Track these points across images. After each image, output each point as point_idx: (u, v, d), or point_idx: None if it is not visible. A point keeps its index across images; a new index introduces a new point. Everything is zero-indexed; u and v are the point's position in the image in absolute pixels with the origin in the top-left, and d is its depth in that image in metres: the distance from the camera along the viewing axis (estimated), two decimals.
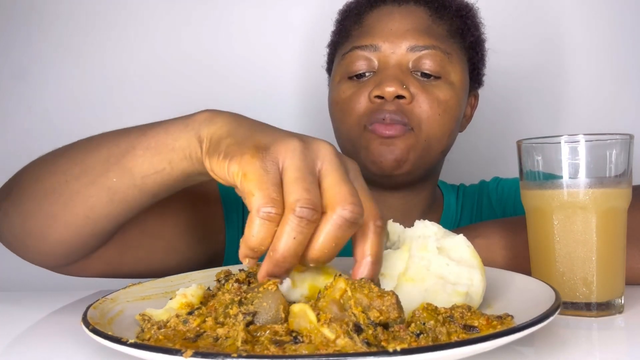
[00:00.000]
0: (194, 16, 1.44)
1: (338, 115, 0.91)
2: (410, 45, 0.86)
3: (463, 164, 1.29)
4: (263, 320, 0.44)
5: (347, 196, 0.44)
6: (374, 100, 0.85)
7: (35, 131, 1.46)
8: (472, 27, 0.94)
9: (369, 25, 0.90)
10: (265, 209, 0.44)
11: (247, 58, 1.44)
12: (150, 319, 0.49)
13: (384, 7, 0.91)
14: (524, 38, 1.37)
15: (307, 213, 0.43)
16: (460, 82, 0.89)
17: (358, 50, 0.88)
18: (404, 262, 0.52)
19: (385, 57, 0.87)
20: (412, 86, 0.86)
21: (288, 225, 0.43)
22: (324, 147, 0.47)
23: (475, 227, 0.76)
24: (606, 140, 0.57)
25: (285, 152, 0.46)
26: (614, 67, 1.38)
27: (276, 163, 0.46)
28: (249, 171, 0.45)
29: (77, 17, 1.45)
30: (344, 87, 0.90)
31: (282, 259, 0.44)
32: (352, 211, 0.44)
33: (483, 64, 0.99)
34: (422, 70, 0.87)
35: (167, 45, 1.45)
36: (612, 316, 0.58)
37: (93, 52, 1.45)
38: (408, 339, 0.41)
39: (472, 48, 0.94)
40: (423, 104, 0.86)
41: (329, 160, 0.47)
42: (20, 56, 1.45)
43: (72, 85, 1.45)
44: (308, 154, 0.46)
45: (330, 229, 0.44)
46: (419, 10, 0.90)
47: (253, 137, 0.49)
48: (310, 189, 0.44)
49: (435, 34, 0.88)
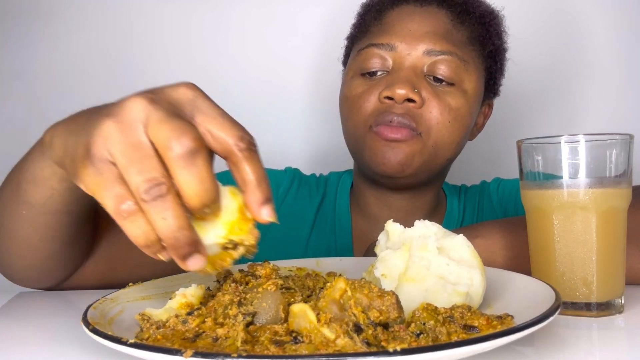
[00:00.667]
0: (201, 17, 1.44)
1: (346, 111, 0.91)
2: (427, 48, 0.86)
3: (464, 164, 1.29)
4: (263, 321, 0.44)
5: (172, 131, 0.40)
6: (384, 100, 0.85)
7: (35, 131, 1.46)
8: (493, 35, 0.92)
9: (388, 23, 0.90)
10: (122, 209, 0.41)
11: (256, 57, 1.44)
12: (149, 318, 0.49)
13: (405, 6, 0.90)
14: (527, 40, 1.37)
15: (155, 191, 0.40)
16: (474, 90, 0.88)
17: (374, 47, 0.88)
18: (404, 262, 0.52)
19: (401, 57, 0.86)
20: (424, 90, 0.85)
21: (150, 213, 0.40)
22: (136, 106, 0.42)
23: (475, 227, 0.76)
24: (606, 140, 0.57)
25: (105, 143, 0.42)
26: (617, 68, 1.38)
27: (104, 159, 0.42)
28: (88, 183, 0.43)
29: (77, 17, 1.45)
30: (355, 84, 0.89)
31: (175, 241, 0.41)
32: (183, 142, 0.40)
33: (501, 74, 0.97)
34: (436, 75, 0.86)
35: (172, 45, 1.45)
36: (612, 316, 0.57)
37: (93, 52, 1.45)
38: (408, 339, 0.41)
39: (491, 57, 0.92)
40: (434, 109, 0.85)
41: (147, 117, 0.41)
42: (20, 56, 1.45)
43: (72, 86, 1.45)
44: (125, 129, 0.41)
45: (183, 173, 0.40)
46: (441, 14, 0.89)
47: (77, 143, 0.45)
48: (143, 166, 0.40)
49: (454, 39, 0.87)
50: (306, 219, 1.01)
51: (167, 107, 0.42)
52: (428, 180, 0.93)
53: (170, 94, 0.44)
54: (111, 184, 0.41)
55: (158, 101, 0.43)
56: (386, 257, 0.53)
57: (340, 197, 1.03)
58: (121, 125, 0.42)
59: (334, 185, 1.05)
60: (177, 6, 1.44)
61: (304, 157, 1.43)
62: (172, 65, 1.44)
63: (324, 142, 1.42)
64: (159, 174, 0.40)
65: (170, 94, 0.44)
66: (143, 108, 0.42)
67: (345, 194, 1.03)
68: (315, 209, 1.02)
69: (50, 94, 1.45)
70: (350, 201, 1.03)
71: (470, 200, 1.03)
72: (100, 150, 0.42)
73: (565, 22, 1.39)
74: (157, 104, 0.42)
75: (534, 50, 1.37)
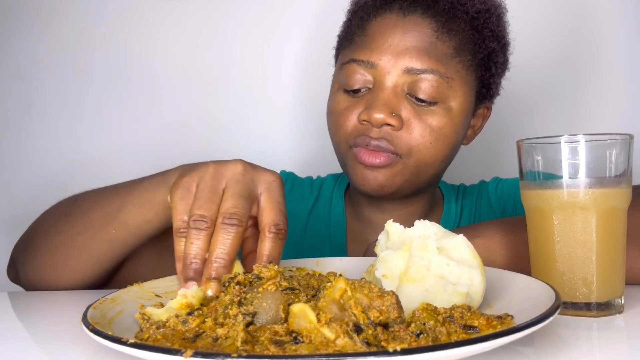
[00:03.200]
0: (193, 20, 1.44)
1: (330, 126, 0.91)
2: (407, 67, 0.82)
3: (463, 164, 1.29)
4: (263, 321, 0.44)
5: (233, 207, 0.56)
6: (362, 122, 0.84)
7: (35, 131, 1.46)
8: (488, 38, 0.87)
9: (370, 35, 0.86)
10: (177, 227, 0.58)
11: (246, 63, 1.44)
12: (149, 318, 0.48)
13: (388, 15, 0.85)
14: (528, 40, 1.37)
15: (198, 224, 0.56)
16: (459, 106, 0.85)
17: (355, 64, 0.85)
18: (404, 262, 0.52)
19: (381, 76, 0.83)
20: (404, 110, 0.83)
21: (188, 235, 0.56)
22: (233, 169, 0.60)
23: (475, 227, 0.76)
24: (606, 140, 0.57)
25: (197, 178, 0.59)
26: (618, 67, 1.38)
27: (190, 188, 0.59)
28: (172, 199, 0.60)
29: (78, 17, 1.45)
30: (339, 99, 0.88)
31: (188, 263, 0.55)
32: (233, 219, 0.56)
33: (499, 75, 0.92)
34: (417, 96, 0.82)
35: (167, 46, 1.45)
36: (612, 316, 0.57)
37: (93, 52, 1.45)
38: (408, 339, 0.41)
39: (483, 64, 0.87)
40: (414, 131, 0.83)
41: (233, 182, 0.59)
42: (20, 56, 1.45)
43: (72, 86, 1.45)
44: (215, 177, 0.59)
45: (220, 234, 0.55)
46: (424, 24, 0.83)
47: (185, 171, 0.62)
48: (205, 205, 0.56)
49: (437, 53, 0.82)
50: (298, 220, 1.02)
51: (248, 182, 0.59)
52: (418, 191, 0.93)
53: (259, 174, 0.61)
54: (183, 207, 0.58)
55: (246, 174, 0.60)
56: (386, 258, 0.53)
57: (336, 199, 1.03)
58: (215, 174, 0.59)
59: (330, 187, 1.05)
60: (175, 9, 1.44)
61: (296, 160, 1.43)
62: (169, 68, 1.45)
63: (315, 145, 1.41)
64: (209, 216, 0.56)
65: (259, 174, 0.61)
66: (235, 174, 0.59)
67: (341, 195, 1.03)
68: (308, 210, 1.03)
69: (50, 94, 1.45)
70: (346, 203, 1.03)
71: (468, 200, 1.03)
72: (191, 181, 0.59)
73: (567, 22, 1.39)
74: (244, 177, 0.59)
75: (534, 50, 1.37)
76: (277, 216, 0.59)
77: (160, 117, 1.45)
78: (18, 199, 1.45)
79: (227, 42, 1.44)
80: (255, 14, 1.44)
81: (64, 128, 1.45)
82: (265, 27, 1.44)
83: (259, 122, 1.44)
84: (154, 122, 1.45)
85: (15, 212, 1.41)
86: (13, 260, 0.84)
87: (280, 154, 1.43)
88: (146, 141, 1.44)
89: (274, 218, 0.58)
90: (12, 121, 1.46)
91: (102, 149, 1.44)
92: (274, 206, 0.59)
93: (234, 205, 0.57)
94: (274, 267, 0.52)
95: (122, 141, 1.45)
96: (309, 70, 1.42)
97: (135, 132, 1.45)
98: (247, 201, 0.58)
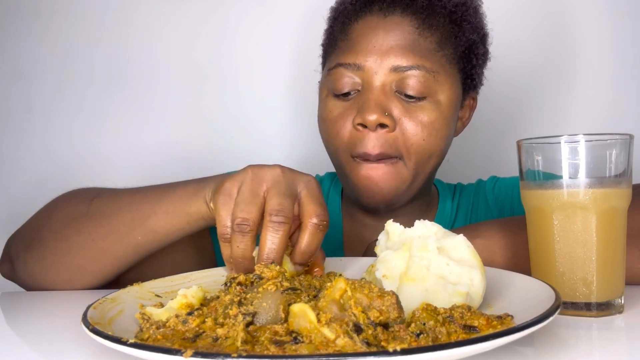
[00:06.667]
0: (193, 21, 1.44)
1: (324, 134, 0.90)
2: (393, 65, 0.83)
3: (462, 163, 1.29)
4: (263, 321, 0.44)
5: (278, 205, 0.58)
6: (358, 128, 0.84)
7: (35, 131, 1.46)
8: (467, 31, 0.88)
9: (353, 39, 0.87)
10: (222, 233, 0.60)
11: (246, 63, 1.44)
12: (149, 318, 0.49)
13: (369, 17, 0.86)
14: (523, 38, 1.37)
15: (242, 227, 0.58)
16: (448, 99, 0.86)
17: (342, 67, 0.85)
18: (404, 262, 0.52)
19: (369, 77, 0.84)
20: (395, 109, 0.83)
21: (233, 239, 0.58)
22: (272, 172, 0.62)
23: (475, 227, 0.76)
24: (606, 140, 0.57)
25: (238, 183, 0.62)
26: (617, 67, 1.38)
27: (231, 193, 0.61)
28: (215, 204, 0.62)
29: (77, 17, 1.45)
30: (330, 105, 0.88)
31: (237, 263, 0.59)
32: (279, 217, 0.58)
33: (480, 66, 0.93)
34: (406, 92, 0.83)
35: (167, 47, 1.45)
36: (612, 316, 0.57)
37: (93, 52, 1.45)
38: (408, 339, 0.41)
39: (465, 56, 0.89)
40: (407, 129, 0.83)
41: (273, 184, 0.61)
42: (20, 56, 1.45)
43: (72, 86, 1.45)
44: (255, 180, 0.61)
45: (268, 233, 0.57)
46: (405, 23, 0.85)
47: (225, 178, 0.64)
48: (247, 208, 0.59)
49: (421, 49, 0.84)
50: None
51: (289, 183, 0.61)
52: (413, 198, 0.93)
53: (296, 175, 0.64)
54: (225, 213, 0.60)
55: (285, 176, 0.62)
56: (386, 258, 0.53)
57: (333, 198, 1.03)
58: (255, 177, 0.61)
59: (327, 185, 1.05)
60: (175, 9, 1.44)
61: (297, 160, 1.43)
62: (169, 68, 1.45)
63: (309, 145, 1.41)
64: (251, 219, 0.58)
65: (296, 175, 0.64)
66: (275, 176, 0.62)
67: (338, 194, 1.03)
68: None
69: (50, 94, 1.45)
70: (343, 202, 1.03)
71: (464, 200, 1.03)
72: (232, 186, 0.62)
73: (566, 21, 1.39)
74: (283, 178, 0.62)
75: (533, 49, 1.37)
76: (318, 208, 0.61)
77: (159, 117, 1.45)
78: (17, 198, 1.44)
79: (227, 42, 1.44)
80: (255, 14, 1.44)
81: (64, 128, 1.45)
82: (264, 27, 1.44)
83: (259, 122, 1.44)
84: (153, 122, 1.45)
85: (14, 212, 1.41)
86: (9, 256, 0.82)
87: (280, 154, 1.43)
88: (146, 141, 1.44)
89: (315, 209, 0.60)
90: (12, 121, 1.46)
91: (101, 149, 1.44)
92: (315, 200, 0.61)
93: (279, 203, 0.58)
94: (275, 267, 0.52)
95: (122, 141, 1.45)
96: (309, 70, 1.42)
97: (134, 132, 1.45)
98: (291, 199, 0.60)
